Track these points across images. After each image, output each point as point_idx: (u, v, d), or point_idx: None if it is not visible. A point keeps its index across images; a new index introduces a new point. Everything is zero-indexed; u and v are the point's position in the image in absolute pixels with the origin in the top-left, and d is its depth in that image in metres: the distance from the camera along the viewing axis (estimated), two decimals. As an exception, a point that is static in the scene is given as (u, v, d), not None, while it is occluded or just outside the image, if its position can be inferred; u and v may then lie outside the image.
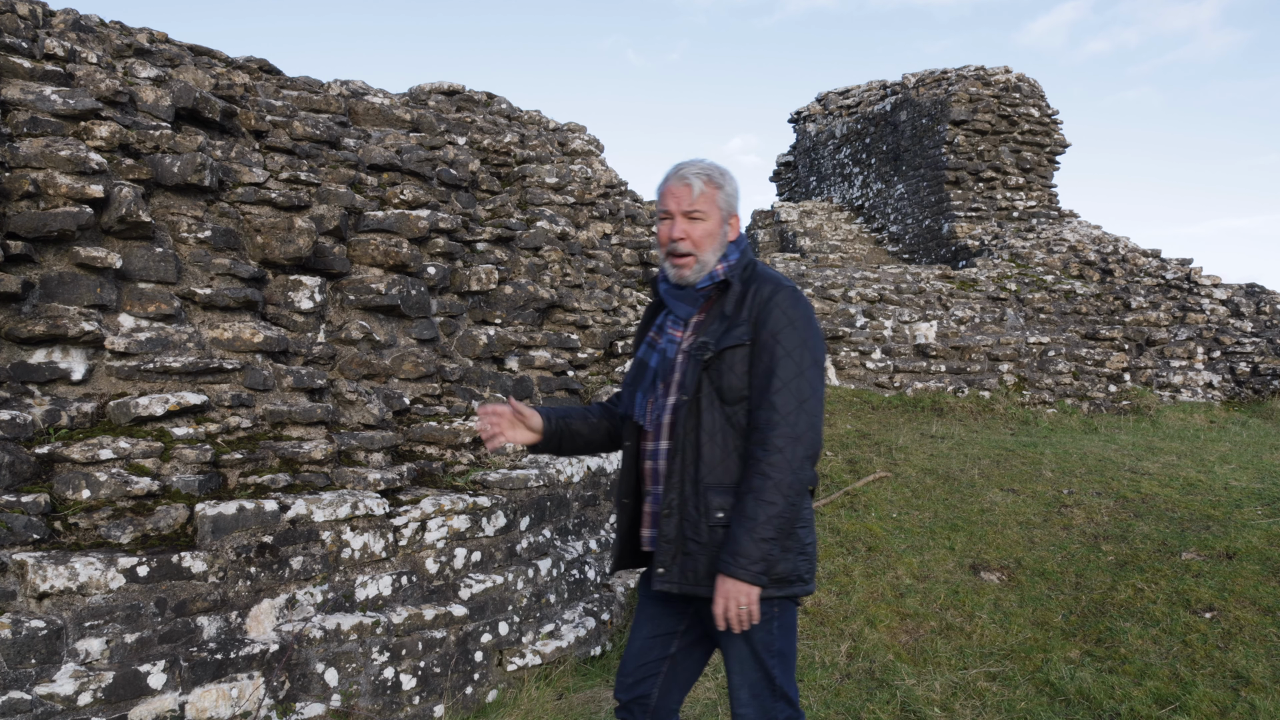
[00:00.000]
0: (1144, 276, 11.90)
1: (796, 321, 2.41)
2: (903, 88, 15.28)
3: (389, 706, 3.74)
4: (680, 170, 2.53)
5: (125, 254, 3.88)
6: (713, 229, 2.49)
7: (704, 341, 2.42)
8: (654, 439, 2.50)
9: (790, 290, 2.45)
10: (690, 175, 2.49)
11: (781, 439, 2.31)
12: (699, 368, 2.41)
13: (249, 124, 4.85)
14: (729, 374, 2.40)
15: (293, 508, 3.65)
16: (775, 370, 2.35)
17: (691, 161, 2.55)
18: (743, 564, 2.28)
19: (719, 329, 2.43)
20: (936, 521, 6.19)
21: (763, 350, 2.38)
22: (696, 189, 2.47)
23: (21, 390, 3.57)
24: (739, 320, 2.42)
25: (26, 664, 2.93)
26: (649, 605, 2.62)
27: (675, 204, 2.49)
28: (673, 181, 2.52)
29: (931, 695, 4.05)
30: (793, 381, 2.35)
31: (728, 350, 2.40)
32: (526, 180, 6.80)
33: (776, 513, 2.29)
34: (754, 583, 2.28)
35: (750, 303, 2.44)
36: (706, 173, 2.50)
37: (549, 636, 4.45)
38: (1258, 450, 8.08)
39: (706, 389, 2.41)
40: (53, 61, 4.05)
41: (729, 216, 2.54)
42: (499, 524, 4.35)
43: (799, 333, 2.40)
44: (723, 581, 2.31)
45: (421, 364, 4.82)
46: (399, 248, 4.90)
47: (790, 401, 2.33)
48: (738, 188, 2.57)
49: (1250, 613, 4.55)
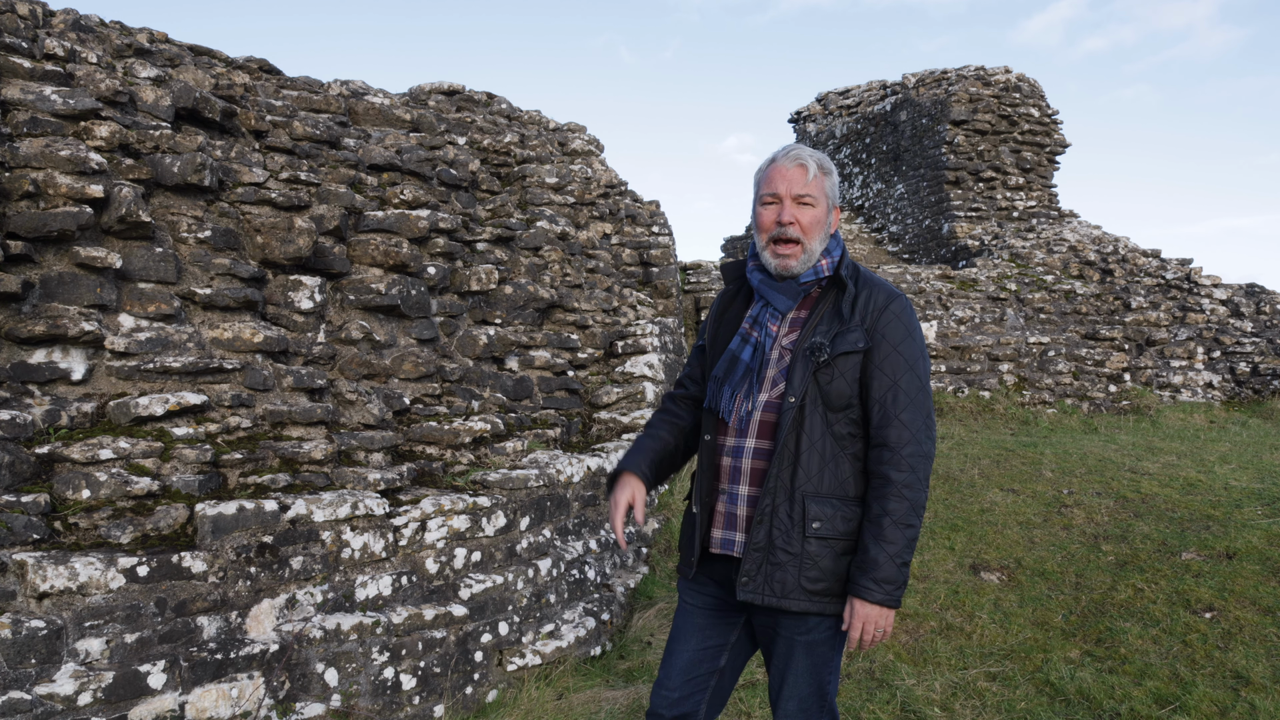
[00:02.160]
0: (1144, 276, 11.90)
1: (914, 333, 2.33)
2: (903, 88, 15.28)
3: (389, 706, 3.74)
4: (792, 151, 2.39)
5: (125, 254, 3.88)
6: (821, 217, 2.38)
7: (819, 343, 2.29)
8: (738, 435, 2.37)
9: (904, 300, 2.37)
10: (805, 157, 2.36)
11: (915, 458, 2.25)
12: (810, 369, 2.29)
13: (249, 124, 4.85)
14: (839, 380, 2.29)
15: (293, 508, 3.65)
16: (900, 384, 2.27)
17: (799, 147, 2.41)
18: (886, 589, 2.22)
19: (831, 330, 2.31)
20: (936, 521, 6.18)
21: (885, 362, 2.28)
22: (811, 171, 2.35)
23: (21, 390, 3.57)
24: (853, 325, 2.31)
25: (26, 664, 2.93)
26: (697, 615, 2.49)
27: (786, 186, 2.35)
28: (784, 162, 2.37)
29: (931, 695, 4.05)
30: (918, 396, 2.28)
31: (842, 355, 2.28)
32: (526, 180, 6.80)
33: (913, 535, 2.25)
34: (893, 606, 2.24)
35: (864, 308, 2.32)
36: (817, 158, 2.37)
37: (549, 636, 4.45)
38: (1258, 450, 8.08)
39: (812, 392, 2.29)
40: (53, 61, 4.05)
41: (834, 207, 2.43)
42: (499, 524, 4.35)
43: (917, 345, 2.32)
44: (862, 607, 2.24)
45: (421, 364, 4.81)
46: (399, 248, 4.90)
47: (918, 418, 2.27)
48: (838, 181, 2.51)
49: (1250, 613, 4.55)
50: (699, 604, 2.48)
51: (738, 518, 2.37)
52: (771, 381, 2.35)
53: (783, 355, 2.36)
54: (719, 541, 2.40)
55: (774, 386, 2.34)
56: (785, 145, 2.42)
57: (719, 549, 2.40)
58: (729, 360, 2.42)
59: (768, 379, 2.36)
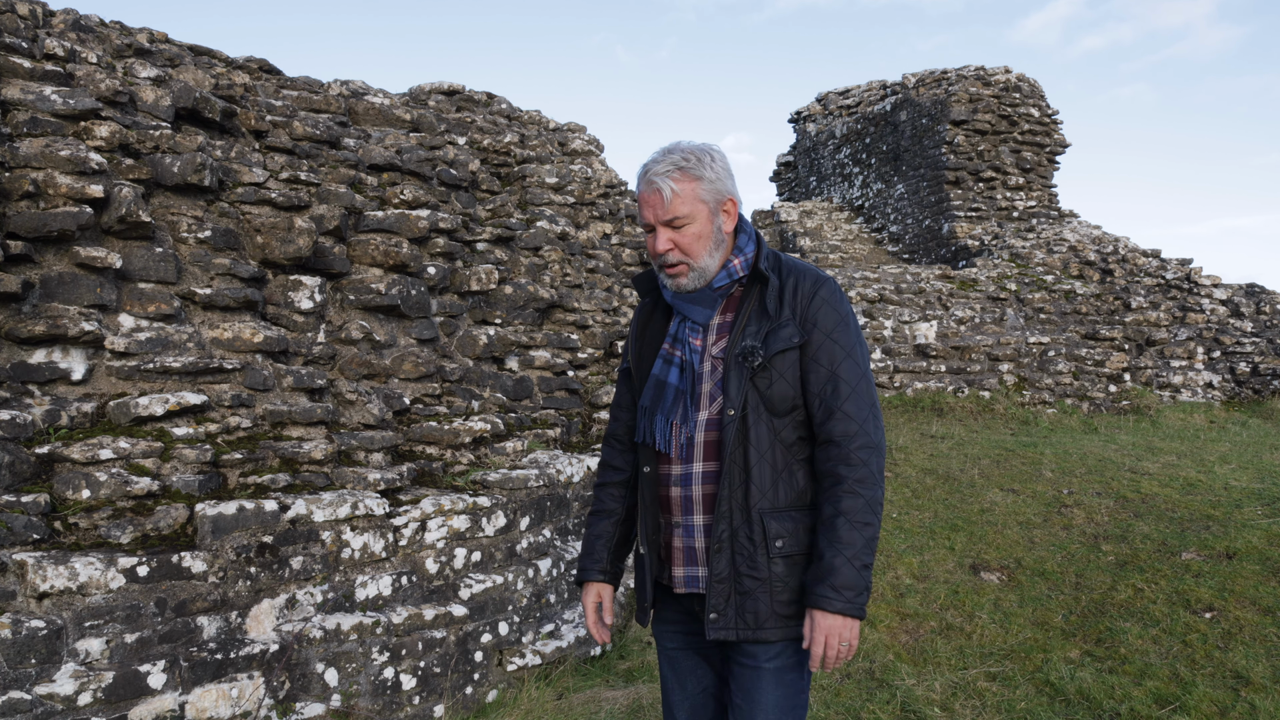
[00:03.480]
0: (1144, 276, 11.91)
1: (847, 318, 2.14)
2: (903, 88, 15.28)
3: (389, 706, 3.74)
4: (646, 173, 2.15)
5: (125, 254, 3.88)
6: (702, 230, 2.14)
7: (750, 346, 2.10)
8: (683, 463, 2.16)
9: (832, 283, 2.17)
10: (657, 178, 2.12)
11: (864, 451, 2.06)
12: (746, 376, 2.09)
13: (249, 124, 4.85)
14: (779, 382, 2.09)
15: (293, 508, 3.65)
16: (839, 374, 2.09)
17: (660, 155, 2.16)
18: (846, 596, 2.00)
19: (761, 329, 2.11)
20: (936, 521, 6.18)
21: (820, 353, 2.10)
22: (667, 193, 2.11)
23: (21, 390, 3.57)
24: (783, 319, 2.11)
25: (26, 664, 2.93)
26: (681, 659, 2.29)
27: (651, 214, 2.14)
28: (641, 189, 2.16)
29: (931, 695, 4.05)
30: (859, 385, 2.09)
31: (777, 355, 2.09)
32: (526, 180, 6.80)
33: (872, 535, 2.04)
34: (857, 615, 2.03)
35: (792, 299, 2.13)
36: (677, 166, 2.12)
37: (549, 636, 4.45)
38: (1258, 450, 8.08)
39: (753, 400, 2.09)
40: (53, 61, 4.05)
41: (719, 206, 2.17)
42: (499, 524, 4.35)
43: (851, 330, 2.13)
44: (822, 618, 2.02)
45: (421, 364, 4.82)
46: (399, 248, 4.90)
47: (863, 408, 2.08)
48: (725, 167, 2.18)
49: (1250, 613, 4.55)
50: (680, 645, 2.28)
51: (697, 550, 2.16)
52: (709, 397, 2.14)
53: (715, 366, 2.16)
54: (682, 580, 2.19)
55: (711, 402, 2.14)
56: (646, 162, 2.17)
57: (684, 588, 2.19)
58: (655, 387, 2.22)
59: (704, 395, 2.15)
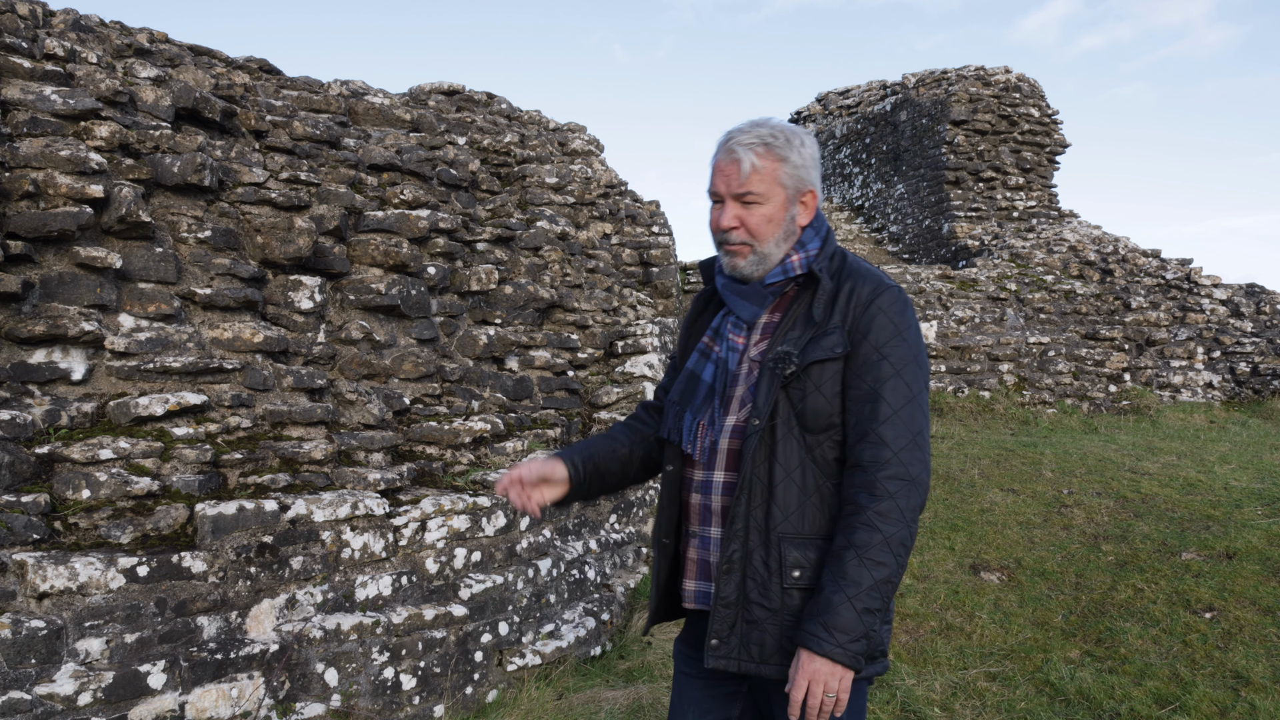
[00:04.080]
0: (1144, 276, 11.91)
1: (905, 332, 1.91)
2: (903, 88, 15.28)
3: (389, 706, 3.74)
4: (728, 141, 1.97)
5: (125, 254, 3.88)
6: (774, 213, 1.96)
7: (785, 352, 1.90)
8: (705, 469, 1.99)
9: (895, 292, 1.94)
10: (739, 147, 1.94)
11: (894, 483, 1.82)
12: (776, 384, 1.89)
13: (249, 124, 4.85)
14: (815, 395, 1.89)
15: (293, 508, 3.65)
16: (881, 394, 1.86)
17: (746, 126, 1.98)
18: (839, 640, 1.76)
19: (803, 336, 1.91)
20: (936, 521, 6.18)
21: (865, 367, 1.88)
22: (747, 165, 1.93)
23: (21, 390, 3.57)
24: (830, 327, 1.90)
25: (26, 664, 2.93)
26: (690, 687, 2.07)
27: (724, 185, 1.96)
28: (720, 155, 1.98)
29: (931, 695, 4.05)
30: (904, 409, 1.86)
31: (815, 365, 1.88)
32: (526, 180, 6.80)
33: (885, 576, 1.79)
34: (850, 665, 1.78)
35: (845, 305, 1.92)
36: (764, 141, 1.94)
37: (549, 636, 4.45)
38: (1258, 450, 8.08)
39: (784, 412, 1.89)
40: (53, 61, 4.05)
41: (799, 195, 1.99)
42: (499, 524, 4.35)
43: (909, 347, 1.90)
44: (809, 660, 1.78)
45: (421, 364, 4.82)
46: (399, 248, 4.90)
47: (902, 435, 1.84)
48: (813, 156, 2.00)
49: (1250, 613, 4.55)
50: (693, 672, 2.06)
51: (712, 565, 1.98)
52: (740, 401, 1.97)
53: (751, 369, 1.98)
54: (693, 595, 2.01)
55: (741, 407, 1.97)
56: (729, 129, 2.00)
57: (693, 603, 2.01)
58: (687, 380, 2.05)
59: (735, 399, 1.98)
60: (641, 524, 5.90)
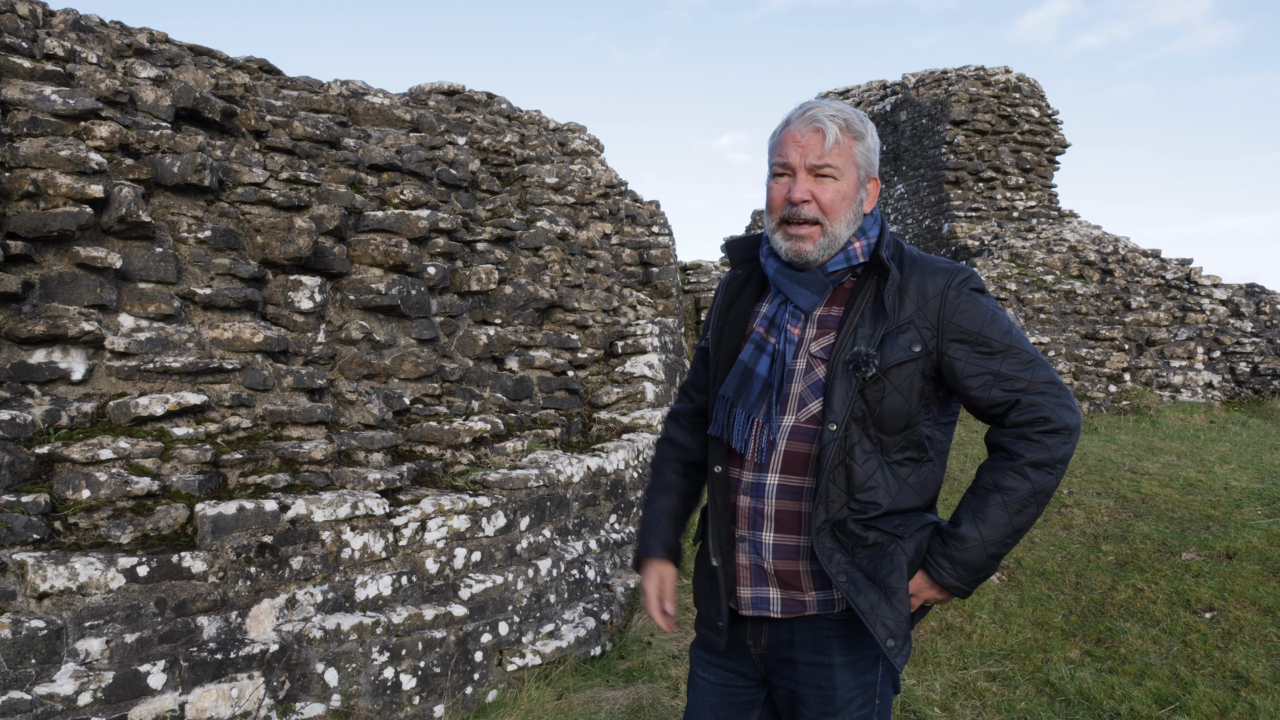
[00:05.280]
0: (1144, 276, 11.91)
1: (993, 309, 1.86)
2: (902, 88, 15.28)
3: (389, 706, 3.74)
4: (809, 111, 1.88)
5: (125, 254, 3.88)
6: (847, 191, 1.87)
7: (865, 354, 1.80)
8: (757, 470, 1.88)
9: (965, 271, 1.88)
10: (824, 118, 1.86)
11: (1051, 437, 1.79)
12: (855, 388, 1.80)
13: (249, 124, 4.85)
14: (893, 395, 1.81)
15: (293, 508, 3.65)
16: (1005, 371, 1.82)
17: (822, 102, 1.91)
18: (960, 575, 1.82)
19: (875, 334, 1.82)
20: (936, 521, 6.18)
21: (969, 365, 1.83)
22: (831, 137, 1.85)
23: (21, 390, 3.57)
24: (902, 322, 1.83)
25: (26, 664, 2.93)
26: (708, 694, 2.04)
27: (799, 155, 1.86)
28: (798, 126, 1.87)
29: (931, 695, 4.05)
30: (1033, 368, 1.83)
31: (894, 367, 1.81)
32: (526, 180, 6.80)
33: (1023, 525, 1.80)
34: (962, 595, 1.86)
35: (917, 299, 1.84)
36: (844, 117, 1.87)
37: (549, 636, 4.45)
38: (1258, 450, 8.08)
39: (858, 413, 1.82)
40: (53, 61, 4.05)
41: (868, 178, 1.92)
42: (499, 524, 4.35)
43: (1000, 321, 1.85)
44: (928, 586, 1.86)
45: (421, 364, 4.81)
46: (399, 248, 4.90)
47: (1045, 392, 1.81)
48: (878, 143, 1.96)
49: (1250, 613, 4.56)
50: (713, 679, 2.02)
51: (767, 572, 1.90)
52: (799, 400, 1.86)
53: (811, 366, 1.87)
54: (750, 601, 1.92)
55: (802, 407, 1.86)
56: (804, 102, 1.93)
57: (751, 610, 1.92)
58: (741, 374, 1.92)
59: (793, 397, 1.87)
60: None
